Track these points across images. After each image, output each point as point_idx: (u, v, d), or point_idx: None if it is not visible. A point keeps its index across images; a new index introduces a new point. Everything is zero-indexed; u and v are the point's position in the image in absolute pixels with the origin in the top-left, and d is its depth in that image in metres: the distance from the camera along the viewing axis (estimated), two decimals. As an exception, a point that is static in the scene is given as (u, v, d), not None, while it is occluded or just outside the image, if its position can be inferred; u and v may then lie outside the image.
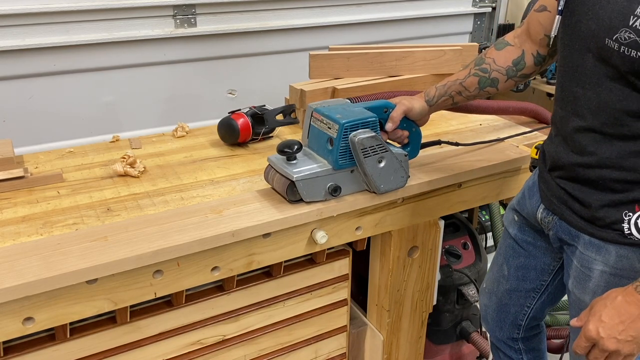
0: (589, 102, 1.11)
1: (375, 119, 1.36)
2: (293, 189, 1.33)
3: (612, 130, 1.10)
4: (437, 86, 1.44)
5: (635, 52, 0.99)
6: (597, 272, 1.19)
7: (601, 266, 1.18)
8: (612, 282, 1.18)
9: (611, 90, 1.07)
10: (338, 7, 2.44)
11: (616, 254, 1.16)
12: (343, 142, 1.32)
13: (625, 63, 1.02)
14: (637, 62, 1.00)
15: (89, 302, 1.18)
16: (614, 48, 1.02)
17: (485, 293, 1.58)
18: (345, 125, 1.32)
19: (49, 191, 1.44)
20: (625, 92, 1.06)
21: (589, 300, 1.20)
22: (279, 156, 1.37)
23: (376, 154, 1.35)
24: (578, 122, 1.15)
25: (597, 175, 1.13)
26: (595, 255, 1.19)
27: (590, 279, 1.21)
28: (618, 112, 1.07)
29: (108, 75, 2.09)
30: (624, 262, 1.15)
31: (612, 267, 1.17)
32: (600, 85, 1.09)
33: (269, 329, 1.53)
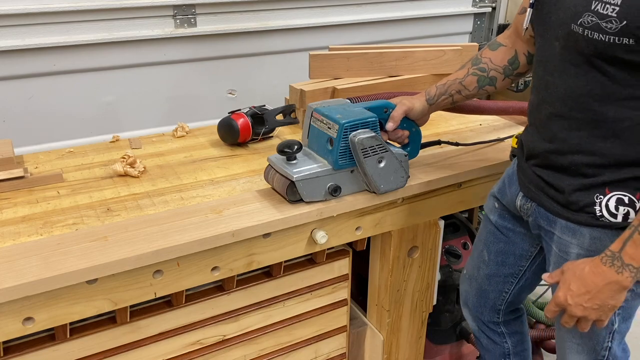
0: (557, 90, 1.16)
1: (375, 119, 1.36)
2: (293, 189, 1.33)
3: (579, 116, 1.14)
4: (437, 85, 1.46)
5: (597, 35, 1.04)
6: (573, 255, 1.23)
7: (577, 249, 1.22)
8: None
9: (576, 76, 1.12)
10: (338, 7, 2.43)
11: (590, 236, 1.19)
12: (343, 142, 1.32)
13: (589, 46, 1.07)
14: (600, 44, 1.05)
15: (89, 302, 1.18)
16: (579, 32, 1.07)
17: (466, 279, 1.59)
18: (345, 125, 1.32)
19: (49, 191, 1.44)
20: (589, 77, 1.10)
21: None
22: (279, 156, 1.37)
23: (376, 154, 1.35)
24: (549, 109, 1.20)
25: (568, 161, 1.17)
26: (572, 239, 1.22)
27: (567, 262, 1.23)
28: (584, 97, 1.12)
29: (108, 75, 2.09)
30: (597, 244, 1.18)
31: (587, 250, 1.20)
32: (567, 72, 1.14)
33: (269, 329, 1.53)
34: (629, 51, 1.03)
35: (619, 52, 1.04)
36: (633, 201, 1.14)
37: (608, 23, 1.02)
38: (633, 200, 1.14)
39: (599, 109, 1.11)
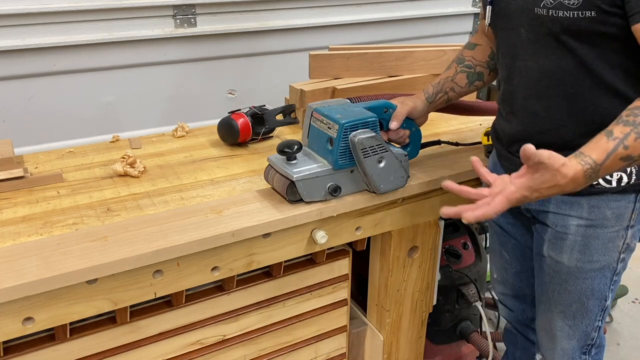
0: (531, 72, 1.23)
1: (375, 119, 1.36)
2: (293, 189, 1.33)
3: (557, 92, 1.20)
4: (432, 84, 1.50)
5: (562, 12, 1.11)
6: (573, 227, 1.27)
7: (576, 220, 1.26)
8: (588, 234, 1.26)
9: (547, 56, 1.19)
10: (338, 7, 2.43)
11: (588, 205, 1.24)
12: (343, 142, 1.32)
13: (555, 24, 1.14)
14: (565, 21, 1.12)
15: (89, 302, 1.18)
16: (544, 14, 1.14)
17: (498, 282, 1.62)
18: (345, 125, 1.32)
19: (49, 191, 1.44)
20: (558, 55, 1.17)
21: (567, 258, 1.30)
22: (279, 156, 1.37)
23: (376, 154, 1.35)
24: (526, 92, 1.25)
25: (554, 137, 1.21)
26: (569, 211, 1.27)
27: (567, 235, 1.28)
28: (558, 74, 1.18)
29: (108, 75, 2.09)
30: (595, 212, 1.24)
31: (586, 220, 1.25)
32: (537, 54, 1.20)
33: (269, 329, 1.53)
34: (592, 22, 1.10)
35: (582, 24, 1.11)
36: None
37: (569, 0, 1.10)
38: None
39: (574, 82, 1.17)
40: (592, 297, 1.33)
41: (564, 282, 1.34)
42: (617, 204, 1.24)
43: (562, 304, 1.36)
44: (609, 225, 1.25)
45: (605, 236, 1.26)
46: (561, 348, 1.41)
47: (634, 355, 2.30)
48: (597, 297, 1.33)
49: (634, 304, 2.58)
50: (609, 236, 1.26)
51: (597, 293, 1.32)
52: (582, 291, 1.33)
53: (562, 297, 1.36)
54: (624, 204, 1.24)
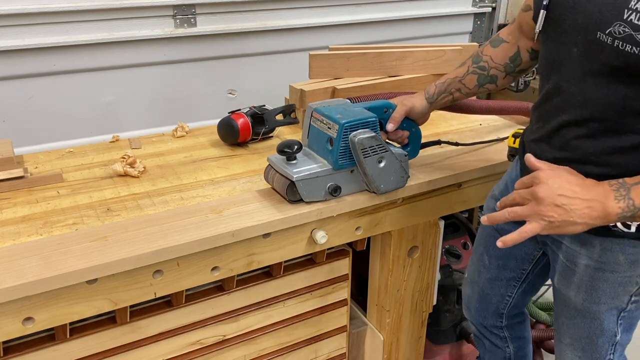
0: (574, 97, 1.11)
1: (375, 119, 1.36)
2: (293, 189, 1.33)
3: (596, 126, 1.09)
4: (436, 84, 1.45)
5: (630, 47, 0.98)
6: (582, 266, 1.20)
7: (586, 260, 1.19)
8: (596, 277, 1.19)
9: (597, 85, 1.06)
10: (338, 7, 2.43)
11: (600, 247, 1.16)
12: (343, 142, 1.32)
13: (619, 57, 1.00)
14: (632, 57, 0.98)
15: (89, 302, 1.18)
16: (607, 42, 1.00)
17: (468, 283, 1.59)
18: (345, 125, 1.31)
19: (49, 191, 1.44)
20: (611, 89, 1.04)
21: (574, 295, 1.23)
22: (279, 156, 1.37)
23: (376, 154, 1.35)
24: (563, 117, 1.14)
25: (580, 170, 1.08)
26: (580, 249, 1.19)
27: (575, 273, 1.21)
28: (603, 107, 1.06)
29: (108, 75, 2.09)
30: (607, 255, 1.15)
31: (596, 261, 1.17)
32: (586, 81, 1.08)
33: (269, 329, 1.53)
34: None
35: None
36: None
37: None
38: None
39: (619, 120, 1.06)
40: (601, 336, 1.25)
41: (573, 317, 1.27)
42: (634, 250, 1.14)
43: (570, 337, 1.30)
44: (620, 270, 1.16)
45: (615, 280, 1.18)
46: None
47: (634, 355, 2.30)
48: (606, 335, 1.25)
49: (634, 304, 2.57)
50: (620, 280, 1.18)
51: (606, 332, 1.25)
52: (590, 329, 1.25)
53: (570, 331, 1.30)
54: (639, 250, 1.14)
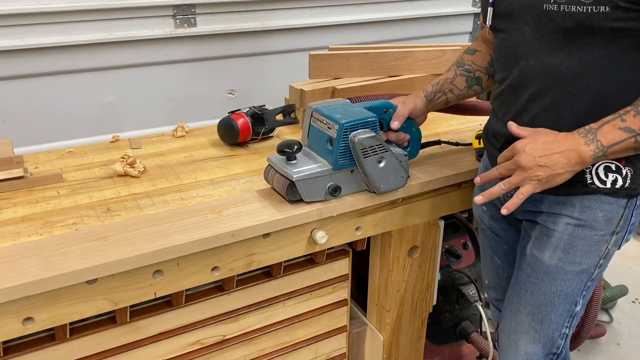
0: (534, 71, 1.21)
1: (375, 119, 1.36)
2: (293, 189, 1.33)
3: (559, 92, 1.18)
4: (432, 84, 1.51)
5: (574, 7, 1.09)
6: (562, 224, 1.27)
7: (566, 219, 1.26)
8: (575, 234, 1.25)
9: (553, 53, 1.16)
10: (338, 7, 2.44)
11: (580, 205, 1.24)
12: (343, 142, 1.32)
13: (567, 20, 1.11)
14: (578, 16, 1.09)
15: (88, 302, 1.18)
16: (554, 9, 1.11)
17: (491, 288, 1.61)
18: (345, 126, 1.32)
19: (49, 191, 1.44)
20: (565, 53, 1.14)
21: (549, 257, 1.29)
22: (279, 156, 1.37)
23: (376, 154, 1.35)
24: (528, 92, 1.23)
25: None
26: (562, 210, 1.26)
27: (554, 232, 1.28)
28: (562, 73, 1.16)
29: (108, 75, 2.09)
30: (587, 213, 1.23)
31: (576, 219, 1.25)
32: (542, 52, 1.18)
33: (269, 329, 1.53)
34: (605, 19, 1.07)
35: (596, 21, 1.08)
36: (619, 168, 1.19)
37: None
38: (619, 167, 1.19)
39: (578, 82, 1.15)
40: (564, 301, 1.32)
41: (540, 281, 1.33)
42: (610, 207, 1.23)
43: (532, 305, 1.35)
44: (598, 227, 1.24)
45: (591, 238, 1.26)
46: (525, 352, 1.38)
47: (634, 355, 2.30)
48: (569, 301, 1.32)
49: (634, 304, 2.58)
50: (595, 239, 1.26)
51: (569, 297, 1.31)
52: (555, 293, 1.31)
53: (534, 297, 1.34)
54: (615, 207, 1.23)
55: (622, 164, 1.19)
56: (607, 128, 1.10)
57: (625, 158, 1.18)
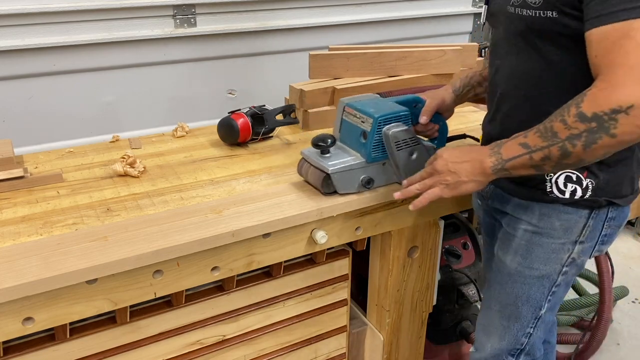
0: (504, 71, 1.25)
1: (408, 112, 1.40)
2: (328, 181, 1.36)
3: (524, 93, 1.21)
4: (460, 78, 1.55)
5: (526, 11, 1.12)
6: (521, 230, 1.30)
7: (525, 225, 1.29)
8: (533, 241, 1.28)
9: (517, 54, 1.20)
10: (338, 7, 2.44)
11: (539, 212, 1.26)
12: (377, 136, 1.36)
13: (521, 23, 1.14)
14: (528, 19, 1.12)
15: (88, 302, 1.18)
16: (512, 12, 1.15)
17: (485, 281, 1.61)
18: (380, 119, 1.35)
19: (49, 191, 1.44)
20: (525, 55, 1.18)
21: (510, 260, 1.32)
22: (313, 149, 1.40)
23: (408, 147, 1.38)
24: (499, 90, 1.27)
25: None
26: (522, 216, 1.29)
27: (514, 237, 1.31)
28: (525, 75, 1.19)
29: (108, 75, 2.09)
30: (545, 221, 1.25)
31: (534, 226, 1.27)
32: (510, 53, 1.22)
33: (269, 329, 1.53)
34: (554, 22, 1.09)
35: (545, 24, 1.10)
36: (580, 178, 1.20)
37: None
38: (580, 177, 1.19)
39: (538, 84, 1.17)
40: (526, 304, 1.34)
41: (505, 282, 1.36)
42: (568, 217, 1.23)
43: (499, 303, 1.38)
44: (556, 236, 1.25)
45: (549, 246, 1.27)
46: (491, 345, 1.43)
47: (634, 355, 2.30)
48: (531, 304, 1.34)
49: (634, 304, 2.58)
50: (553, 247, 1.27)
51: (532, 300, 1.33)
52: (518, 295, 1.34)
53: (500, 297, 1.38)
54: (574, 217, 1.23)
55: (584, 175, 1.19)
56: (510, 142, 1.11)
57: (587, 169, 1.18)
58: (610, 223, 1.26)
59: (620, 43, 0.97)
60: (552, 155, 1.05)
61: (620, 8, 0.97)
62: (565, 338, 2.21)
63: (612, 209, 1.24)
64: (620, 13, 0.97)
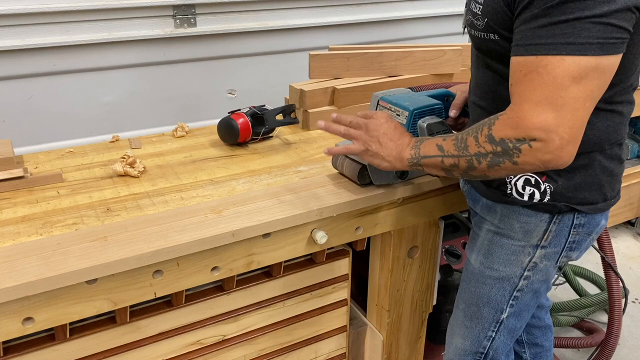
0: (472, 82, 1.30)
1: (441, 105, 1.42)
2: (364, 173, 1.39)
3: (484, 104, 1.24)
4: None
5: (473, 31, 1.15)
6: (484, 230, 1.33)
7: (488, 225, 1.32)
8: (494, 241, 1.31)
9: (478, 68, 1.24)
10: (338, 7, 2.44)
11: (501, 213, 1.28)
12: (412, 128, 1.38)
13: (474, 41, 1.19)
14: (476, 40, 1.17)
15: (88, 302, 1.18)
16: (468, 31, 1.19)
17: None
18: (415, 112, 1.38)
19: (49, 191, 1.44)
20: (483, 69, 1.21)
21: (474, 259, 1.35)
22: (348, 142, 1.40)
23: None
24: (471, 98, 1.32)
25: None
26: (486, 216, 1.32)
27: (479, 237, 1.34)
28: (485, 87, 1.23)
29: (108, 75, 2.09)
30: (505, 222, 1.28)
31: (496, 226, 1.30)
32: (475, 66, 1.26)
33: (269, 329, 1.53)
34: (497, 45, 1.11)
35: (489, 45, 1.13)
36: (539, 182, 1.21)
37: (477, 20, 1.12)
38: (539, 181, 1.21)
39: (496, 96, 1.19)
40: (487, 305, 1.35)
41: (469, 281, 1.38)
42: (527, 219, 1.24)
43: (465, 302, 1.40)
44: (515, 237, 1.27)
45: (509, 247, 1.28)
46: (455, 346, 1.45)
47: (634, 355, 2.30)
48: (492, 306, 1.34)
49: (634, 304, 2.58)
50: (513, 249, 1.28)
51: (492, 302, 1.34)
52: (479, 295, 1.35)
53: (465, 296, 1.40)
54: (534, 220, 1.24)
55: (543, 179, 1.20)
56: (430, 141, 1.17)
57: (545, 174, 1.19)
58: (578, 230, 1.24)
59: (530, 77, 0.99)
60: (460, 165, 1.11)
61: (535, 42, 0.98)
62: (566, 342, 2.21)
63: (578, 215, 1.22)
64: (534, 47, 0.98)
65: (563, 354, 2.26)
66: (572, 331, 2.41)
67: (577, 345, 2.23)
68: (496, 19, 1.07)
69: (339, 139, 1.49)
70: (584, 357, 2.25)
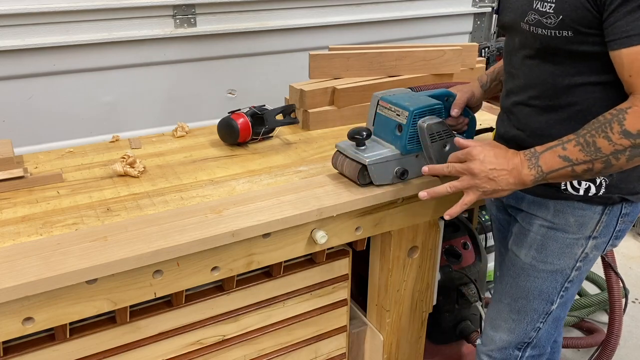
0: (519, 81, 1.29)
1: (441, 105, 1.43)
2: (364, 172, 1.40)
3: (537, 103, 1.25)
4: (487, 73, 1.59)
5: (541, 30, 1.15)
6: (536, 226, 1.33)
7: (540, 221, 1.32)
8: (548, 235, 1.32)
9: (531, 67, 1.24)
10: (338, 7, 2.44)
11: (554, 208, 1.29)
12: (412, 128, 1.39)
13: (536, 41, 1.19)
14: (543, 39, 1.16)
15: (88, 302, 1.18)
16: (527, 29, 1.19)
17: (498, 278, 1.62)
18: (415, 112, 1.39)
19: (49, 191, 1.44)
20: (541, 69, 1.22)
21: (524, 254, 1.36)
22: (348, 142, 1.43)
23: (442, 139, 1.40)
24: (514, 98, 1.31)
25: (531, 144, 1.21)
26: (537, 212, 1.33)
27: (529, 232, 1.35)
28: (539, 86, 1.23)
29: (108, 75, 2.09)
30: (559, 217, 1.29)
31: (549, 222, 1.31)
32: (525, 65, 1.26)
33: (269, 329, 1.53)
34: (569, 42, 1.13)
35: (560, 44, 1.14)
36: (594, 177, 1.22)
37: (547, 19, 1.13)
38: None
39: (553, 96, 1.21)
40: (538, 297, 1.37)
41: (517, 276, 1.39)
42: (582, 213, 1.27)
43: (511, 297, 1.41)
44: (570, 231, 1.29)
45: (564, 241, 1.30)
46: (500, 338, 1.46)
47: (634, 355, 2.30)
48: (543, 298, 1.37)
49: (633, 304, 2.58)
50: (568, 242, 1.30)
51: (544, 295, 1.36)
52: (530, 289, 1.37)
53: (512, 290, 1.40)
54: (589, 213, 1.27)
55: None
56: (548, 155, 1.14)
57: None
58: (625, 219, 1.29)
59: None
60: (595, 168, 1.11)
61: None
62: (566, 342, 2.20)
63: (625, 205, 1.27)
64: None
65: (563, 354, 2.26)
66: (573, 331, 2.41)
67: (577, 345, 2.23)
68: (574, 16, 1.09)
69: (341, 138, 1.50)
70: (584, 357, 2.25)
